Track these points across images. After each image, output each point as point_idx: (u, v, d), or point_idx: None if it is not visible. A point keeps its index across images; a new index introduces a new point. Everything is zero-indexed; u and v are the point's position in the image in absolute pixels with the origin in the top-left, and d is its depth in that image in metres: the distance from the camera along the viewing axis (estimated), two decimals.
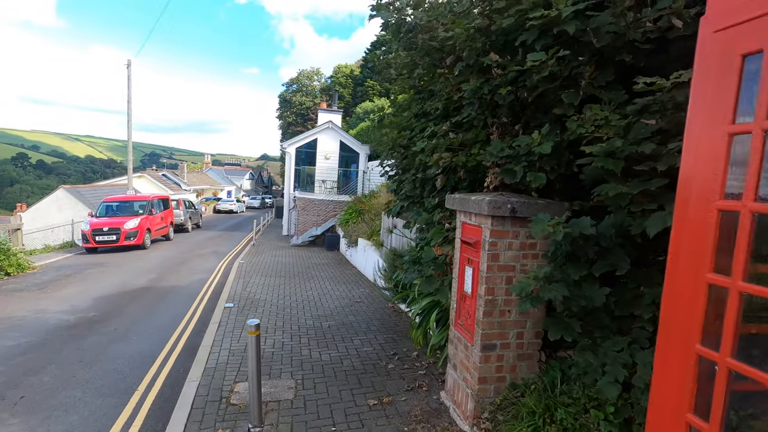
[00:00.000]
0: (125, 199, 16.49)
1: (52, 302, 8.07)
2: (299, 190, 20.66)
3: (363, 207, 14.09)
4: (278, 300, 8.26)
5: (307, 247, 16.60)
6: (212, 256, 14.10)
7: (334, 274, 11.22)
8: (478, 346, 3.49)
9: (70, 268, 11.57)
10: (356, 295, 8.84)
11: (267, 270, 11.49)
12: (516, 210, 3.29)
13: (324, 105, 22.13)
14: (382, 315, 7.36)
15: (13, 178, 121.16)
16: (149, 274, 10.77)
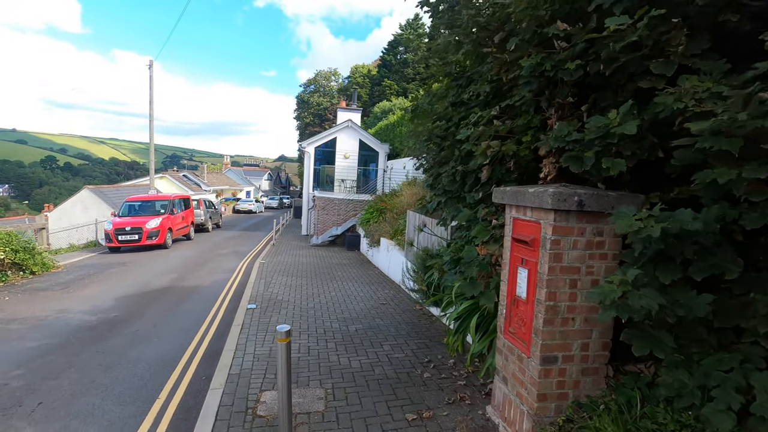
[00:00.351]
0: (147, 199, 16.53)
1: (74, 302, 7.94)
2: (318, 189, 20.43)
3: (384, 206, 13.71)
4: (301, 301, 7.94)
5: (327, 247, 16.33)
6: (233, 256, 13.94)
7: (356, 275, 10.88)
8: (536, 359, 3.05)
9: (93, 268, 11.54)
10: (381, 297, 8.46)
11: (288, 270, 11.22)
12: (584, 203, 2.85)
13: (343, 104, 21.87)
14: (411, 318, 6.96)
15: (42, 180, 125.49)
16: (171, 274, 10.63)
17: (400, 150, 20.24)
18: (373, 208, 14.48)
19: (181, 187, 32.88)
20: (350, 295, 8.61)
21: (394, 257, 10.12)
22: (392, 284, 9.73)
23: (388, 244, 10.94)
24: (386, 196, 14.83)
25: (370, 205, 15.24)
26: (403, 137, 19.71)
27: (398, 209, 12.90)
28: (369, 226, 14.02)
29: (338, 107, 21.84)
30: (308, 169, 20.95)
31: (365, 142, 21.08)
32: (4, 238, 9.96)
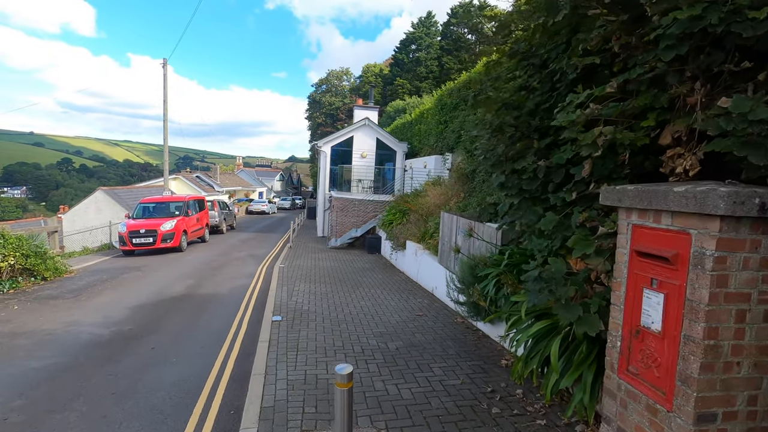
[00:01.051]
0: (161, 200, 15.99)
1: (85, 312, 7.31)
2: (335, 189, 19.74)
3: (408, 207, 12.94)
4: (329, 312, 7.21)
5: (346, 250, 15.61)
6: (250, 260, 13.29)
7: (382, 281, 10.12)
8: (688, 416, 2.26)
9: (106, 273, 10.96)
10: (415, 307, 7.70)
11: (310, 275, 10.51)
12: (766, 208, 2.06)
13: (360, 101, 21.16)
14: (455, 333, 6.18)
15: (58, 182, 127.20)
16: (187, 280, 9.98)
17: (419, 149, 19.45)
18: (395, 209, 13.72)
19: (194, 188, 32.48)
20: (381, 304, 7.86)
21: (425, 262, 9.34)
22: (423, 292, 8.96)
23: (416, 248, 10.17)
24: (408, 196, 14.06)
25: (392, 206, 14.48)
26: (422, 135, 18.94)
27: (424, 210, 12.13)
28: (391, 228, 13.26)
29: (355, 105, 21.11)
30: (324, 168, 20.27)
31: (382, 141, 20.34)
32: (15, 242, 9.40)
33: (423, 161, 16.88)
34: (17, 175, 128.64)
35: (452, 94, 14.76)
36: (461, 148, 11.81)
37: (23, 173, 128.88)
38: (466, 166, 10.88)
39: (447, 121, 15.16)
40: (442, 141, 15.41)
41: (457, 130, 13.31)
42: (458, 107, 14.00)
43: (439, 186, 13.00)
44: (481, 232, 6.20)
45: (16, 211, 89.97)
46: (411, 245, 10.73)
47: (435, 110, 16.52)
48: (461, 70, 43.87)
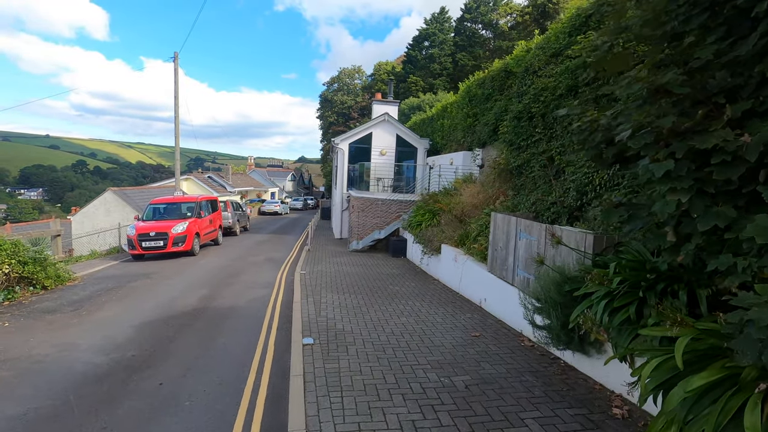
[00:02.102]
0: (173, 201, 14.94)
1: (84, 331, 6.21)
2: (354, 189, 18.58)
3: (439, 207, 11.71)
4: (369, 332, 6.02)
5: (368, 253, 14.42)
6: (268, 265, 12.16)
7: (417, 290, 8.91)
8: None
9: (112, 280, 9.90)
10: (467, 324, 6.48)
11: (336, 283, 9.33)
12: None
13: (379, 96, 19.96)
14: (530, 363, 4.95)
15: (73, 184, 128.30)
16: (200, 289, 8.87)
17: (442, 145, 18.21)
18: (423, 210, 12.50)
19: (206, 188, 31.58)
20: (426, 320, 6.64)
21: (470, 270, 8.10)
22: (469, 305, 7.73)
23: (455, 253, 8.93)
24: (438, 195, 12.83)
25: (419, 205, 13.26)
26: (445, 131, 17.70)
27: (458, 211, 10.89)
28: (420, 230, 12.04)
29: (373, 100, 19.91)
30: (342, 167, 19.11)
31: (403, 137, 19.13)
32: (10, 248, 8.36)
33: (449, 158, 15.64)
34: (33, 177, 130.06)
35: (483, 85, 13.49)
36: (501, 142, 10.54)
37: (39, 175, 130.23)
38: (508, 161, 9.61)
39: (477, 114, 13.90)
40: (472, 135, 14.15)
41: (491, 122, 12.04)
42: (491, 98, 12.73)
43: (473, 183, 11.76)
44: (567, 238, 4.94)
45: (32, 213, 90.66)
46: (448, 250, 9.50)
47: (462, 103, 15.26)
48: (476, 66, 42.53)
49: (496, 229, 7.10)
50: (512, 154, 9.35)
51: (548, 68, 8.91)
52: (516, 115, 9.18)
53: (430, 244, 10.59)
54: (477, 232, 8.61)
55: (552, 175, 7.59)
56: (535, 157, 8.19)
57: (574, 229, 5.02)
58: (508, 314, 6.54)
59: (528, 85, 9.29)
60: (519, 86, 9.71)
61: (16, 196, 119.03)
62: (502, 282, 6.77)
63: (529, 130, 8.72)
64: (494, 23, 43.46)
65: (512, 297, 6.41)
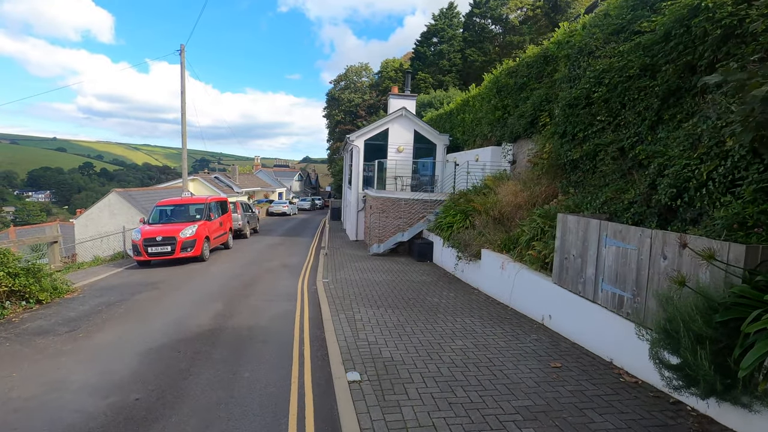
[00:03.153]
0: (180, 202, 13.83)
1: (78, 362, 5.09)
2: (370, 188, 17.44)
3: (473, 207, 10.53)
4: (424, 361, 4.86)
5: (389, 257, 13.26)
6: (285, 272, 11.03)
7: (459, 302, 7.75)
8: None
9: (115, 292, 8.79)
10: (536, 348, 5.31)
11: (365, 294, 8.19)
12: None
13: (395, 89, 18.77)
14: (647, 411, 3.77)
15: (80, 186, 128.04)
16: (214, 304, 7.74)
17: (463, 141, 17.03)
18: (454, 210, 11.31)
19: (213, 189, 30.53)
20: (486, 344, 5.48)
21: (525, 281, 6.93)
22: (527, 321, 6.56)
23: (503, 260, 7.76)
24: (469, 194, 11.65)
25: (447, 206, 12.08)
26: (467, 126, 16.51)
27: (496, 211, 9.72)
28: (452, 233, 10.87)
29: (390, 94, 18.71)
30: (357, 165, 17.94)
31: (421, 133, 17.94)
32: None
33: (473, 154, 14.45)
34: (41, 179, 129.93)
35: (515, 74, 12.29)
36: (547, 133, 9.35)
37: (47, 178, 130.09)
38: (558, 155, 8.42)
39: (508, 106, 12.70)
40: (501, 129, 12.96)
41: (528, 113, 10.84)
42: (526, 87, 11.53)
43: (510, 181, 10.57)
44: (692, 247, 3.74)
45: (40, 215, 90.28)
46: (492, 256, 8.32)
47: (488, 95, 14.06)
48: (486, 62, 41.24)
49: (566, 234, 5.91)
50: (564, 146, 8.15)
51: (607, 48, 7.73)
52: (569, 102, 7.98)
53: (467, 248, 9.41)
54: (530, 236, 7.43)
55: (626, 168, 6.39)
56: (601, 149, 6.99)
57: (702, 238, 3.84)
58: (588, 337, 5.37)
59: (582, 67, 8.09)
60: (570, 70, 8.50)
61: (24, 199, 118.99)
62: (577, 297, 5.59)
63: (587, 119, 7.52)
64: (504, 18, 42.16)
65: (594, 316, 5.23)
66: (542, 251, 6.79)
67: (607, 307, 5.04)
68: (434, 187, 16.65)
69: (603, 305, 5.10)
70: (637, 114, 6.49)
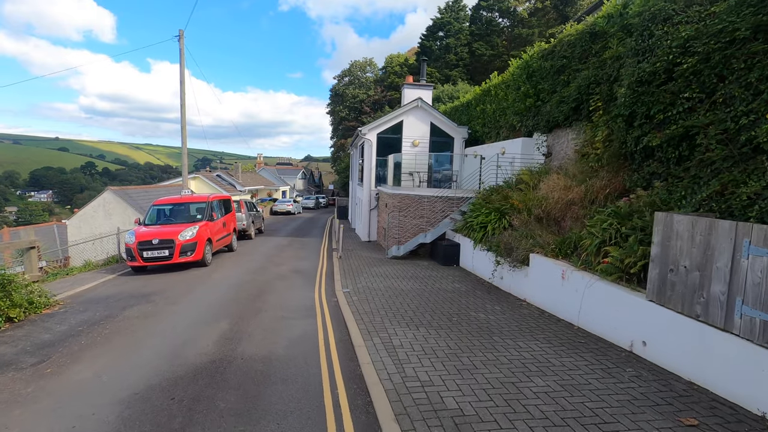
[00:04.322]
0: (180, 201, 12.45)
1: (39, 417, 3.74)
2: (384, 185, 16.07)
3: (514, 205, 9.16)
4: (507, 417, 3.51)
5: (410, 260, 11.91)
6: (297, 279, 9.67)
7: (511, 319, 6.41)
8: None
9: (102, 305, 7.44)
10: (645, 392, 3.96)
11: (396, 308, 6.84)
12: None
13: (410, 79, 17.37)
14: None
15: (82, 185, 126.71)
16: (218, 322, 6.38)
17: (483, 134, 15.65)
18: (487, 209, 9.95)
19: (215, 187, 29.18)
20: (575, 384, 4.13)
21: (600, 296, 5.57)
22: (608, 347, 5.21)
23: (564, 269, 6.40)
24: (505, 190, 10.28)
25: (476, 204, 10.72)
26: (488, 117, 15.12)
27: (540, 209, 8.36)
28: (485, 234, 9.51)
29: (404, 84, 17.30)
30: (369, 160, 16.57)
31: (437, 125, 16.57)
32: None
33: (498, 147, 13.08)
34: (43, 179, 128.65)
35: (551, 56, 10.90)
36: (601, 119, 7.99)
37: (49, 178, 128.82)
38: (624, 142, 7.04)
39: (542, 92, 11.32)
40: (534, 118, 11.58)
41: (572, 98, 9.46)
42: (567, 69, 10.14)
43: (553, 175, 9.19)
44: None
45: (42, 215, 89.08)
46: (545, 263, 6.96)
47: (517, 81, 12.66)
48: (494, 56, 39.80)
49: (671, 239, 4.54)
50: (633, 132, 6.77)
51: (690, 11, 6.35)
52: (641, 78, 6.60)
53: (509, 253, 8.04)
54: (599, 240, 6.06)
55: (737, 155, 5.02)
56: (696, 132, 5.60)
57: None
58: (715, 377, 4.00)
59: (657, 37, 6.69)
60: (638, 41, 7.10)
61: (26, 199, 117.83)
62: (691, 321, 4.23)
63: (667, 97, 6.14)
64: (512, 10, 40.69)
65: (724, 350, 3.88)
66: (626, 260, 5.42)
67: (750, 339, 3.68)
68: (454, 183, 15.27)
69: (742, 336, 3.75)
70: (746, 87, 5.11)
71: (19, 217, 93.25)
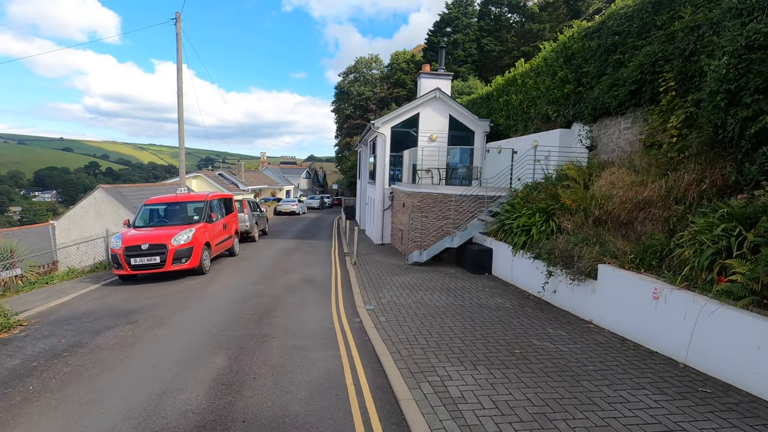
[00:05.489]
0: (174, 200, 10.95)
1: None
2: (397, 182, 14.59)
3: (566, 204, 7.66)
4: None
5: (434, 267, 10.42)
6: (309, 290, 8.18)
7: (583, 347, 4.93)
8: None
9: (71, 330, 5.96)
10: None
11: (438, 334, 5.35)
12: None
13: (427, 68, 15.84)
14: None
15: (86, 185, 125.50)
16: (213, 358, 4.89)
17: (508, 127, 14.16)
18: (528, 209, 8.45)
19: (217, 186, 27.75)
20: None
21: (727, 329, 4.07)
22: (750, 400, 3.72)
23: (656, 287, 4.91)
24: (551, 187, 8.79)
25: (511, 203, 9.23)
26: (513, 109, 13.63)
27: (603, 209, 6.87)
28: (529, 238, 8.01)
29: (421, 73, 15.76)
30: (382, 156, 15.07)
31: (457, 118, 15.06)
32: None
33: (530, 140, 11.58)
34: (47, 179, 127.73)
35: (598, 33, 9.41)
36: (675, 101, 6.49)
37: (53, 177, 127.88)
38: (723, 124, 5.54)
39: (585, 76, 9.82)
40: (575, 107, 10.09)
41: (631, 79, 7.96)
42: (620, 47, 8.64)
43: (614, 168, 7.69)
44: None
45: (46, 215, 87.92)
46: (625, 277, 5.46)
47: (552, 66, 11.16)
48: (503, 51, 38.25)
49: None
50: (740, 111, 5.26)
51: None
52: (751, 42, 5.10)
53: (569, 262, 6.54)
54: (712, 251, 4.56)
55: None
56: None
57: None
58: None
59: None
60: None
61: (30, 199, 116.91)
62: None
63: None
64: (522, 5, 39.14)
65: None
66: (764, 279, 3.92)
67: None
68: (475, 180, 13.77)
69: None
70: None
71: (23, 216, 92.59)
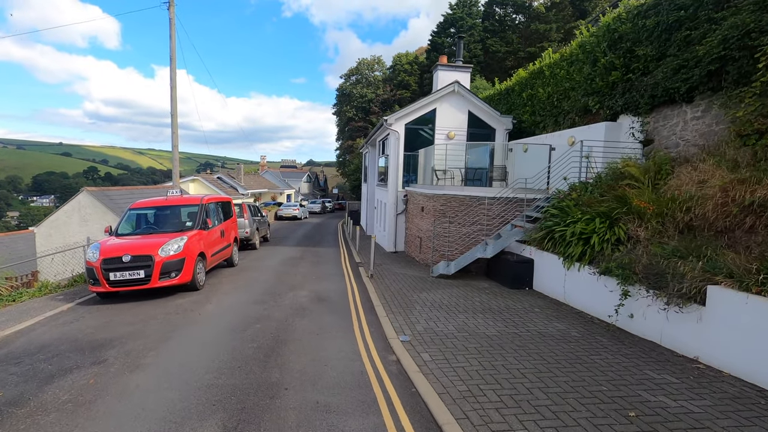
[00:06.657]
0: (164, 204, 9.43)
1: None
2: (412, 183, 13.17)
3: (640, 206, 6.22)
4: None
5: (463, 280, 8.97)
6: (325, 314, 6.69)
7: (711, 402, 3.49)
8: None
9: (17, 374, 4.45)
10: None
11: (511, 383, 3.90)
12: None
13: (444, 59, 14.46)
14: None
15: None
16: (202, 425, 3.41)
17: (533, 123, 12.79)
18: (585, 213, 7.01)
19: (215, 190, 26.26)
20: None
21: None
22: None
23: None
24: (618, 187, 7.36)
25: (560, 206, 7.80)
26: (539, 103, 12.27)
27: (697, 214, 5.45)
28: (589, 249, 6.57)
29: (438, 65, 14.34)
30: (395, 155, 13.65)
31: (476, 114, 13.70)
32: None
33: (565, 135, 10.20)
34: (45, 184, 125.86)
35: (655, 10, 8.05)
36: None
37: (51, 182, 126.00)
38: None
39: (639, 60, 8.45)
40: (623, 96, 8.72)
41: (708, 58, 6.58)
42: (688, 21, 7.27)
43: (692, 165, 6.28)
44: None
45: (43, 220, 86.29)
46: (754, 304, 4.02)
47: (594, 52, 9.78)
48: (509, 52, 37.08)
49: None
50: None
51: None
52: None
53: (658, 281, 5.09)
54: None
55: None
56: None
57: None
58: None
59: None
60: None
61: (28, 203, 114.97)
62: None
63: None
64: (527, 5, 38.03)
65: None
66: None
67: None
68: (505, 181, 12.36)
69: None
70: None
71: (21, 221, 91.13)
